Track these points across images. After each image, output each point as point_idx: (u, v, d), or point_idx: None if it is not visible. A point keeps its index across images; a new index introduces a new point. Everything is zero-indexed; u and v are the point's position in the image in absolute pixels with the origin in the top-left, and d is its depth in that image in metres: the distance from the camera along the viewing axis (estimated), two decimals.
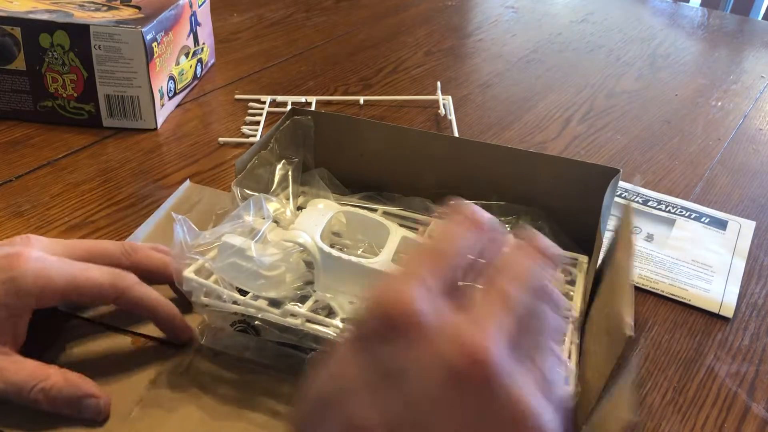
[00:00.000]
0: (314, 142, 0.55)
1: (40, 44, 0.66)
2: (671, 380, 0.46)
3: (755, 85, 0.93)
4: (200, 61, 0.82)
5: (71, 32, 0.66)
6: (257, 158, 0.50)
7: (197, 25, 0.80)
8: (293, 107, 0.56)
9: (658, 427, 0.42)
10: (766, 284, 0.55)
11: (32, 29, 0.66)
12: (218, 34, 0.91)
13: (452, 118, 0.76)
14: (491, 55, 0.98)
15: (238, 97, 0.79)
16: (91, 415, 0.39)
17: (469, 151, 0.52)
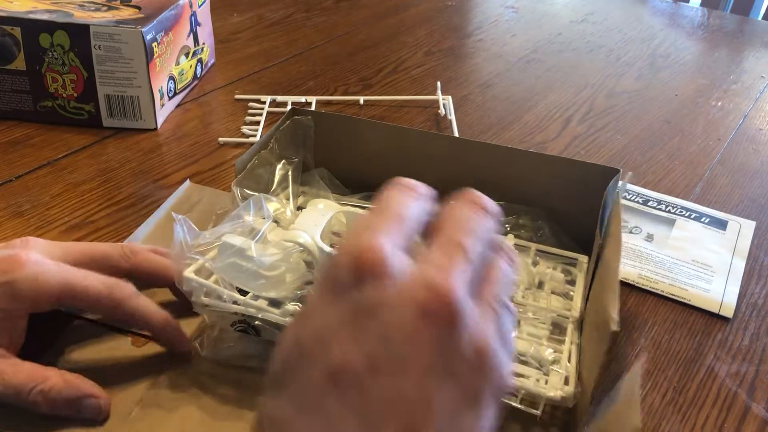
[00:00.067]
0: (314, 142, 0.55)
1: (40, 44, 0.66)
2: (671, 380, 0.46)
3: (755, 85, 0.93)
4: (200, 61, 0.82)
5: (71, 32, 0.66)
6: (257, 158, 0.50)
7: (197, 25, 0.80)
8: (293, 107, 0.56)
9: (658, 427, 0.42)
10: (766, 284, 0.55)
11: (32, 29, 0.66)
12: (218, 34, 0.91)
13: (452, 118, 0.76)
14: (491, 55, 0.98)
15: (238, 97, 0.79)
16: (91, 415, 0.39)
17: (469, 151, 0.52)
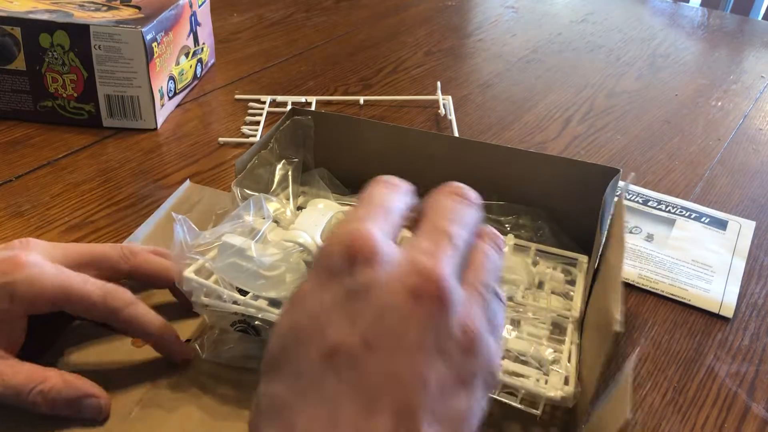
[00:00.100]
0: (314, 142, 0.55)
1: (40, 44, 0.66)
2: (671, 380, 0.46)
3: (755, 85, 0.93)
4: (200, 61, 0.82)
5: (71, 32, 0.66)
6: (257, 158, 0.50)
7: (197, 25, 0.80)
8: (293, 107, 0.56)
9: (658, 427, 0.42)
10: (766, 284, 0.55)
11: (32, 29, 0.66)
12: (218, 34, 0.91)
13: (452, 118, 0.76)
14: (491, 55, 0.98)
15: (238, 97, 0.79)
16: (91, 415, 0.39)
17: (469, 151, 0.52)
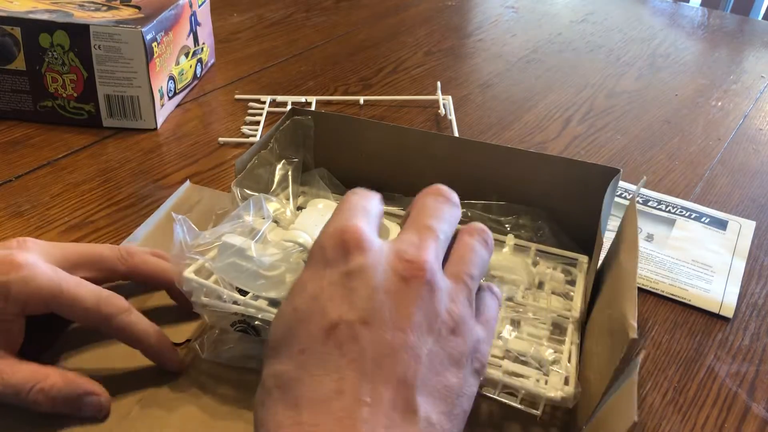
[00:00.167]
0: (314, 142, 0.55)
1: (40, 44, 0.66)
2: (671, 380, 0.46)
3: (755, 85, 0.93)
4: (200, 61, 0.82)
5: (71, 32, 0.66)
6: (257, 158, 0.50)
7: (197, 25, 0.80)
8: (293, 107, 0.56)
9: (658, 427, 0.42)
10: (766, 284, 0.55)
11: (32, 29, 0.66)
12: (218, 34, 0.91)
13: (452, 118, 0.76)
14: (491, 55, 0.98)
15: (238, 97, 0.79)
16: (92, 412, 0.39)
17: (469, 151, 0.52)
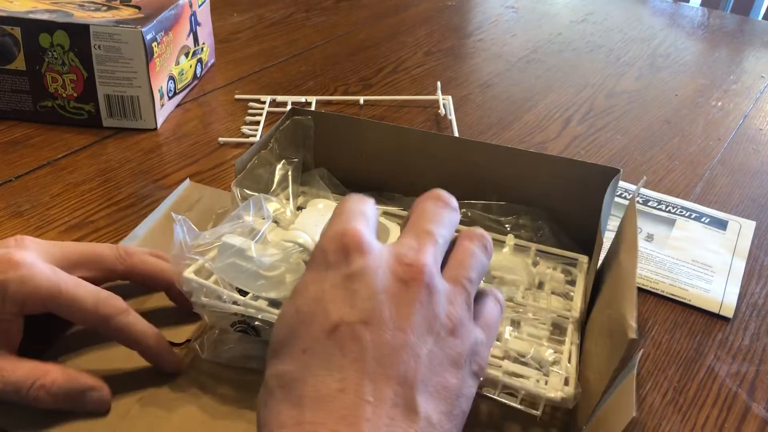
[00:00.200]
0: (314, 142, 0.55)
1: (40, 44, 0.66)
2: (671, 380, 0.46)
3: (755, 85, 0.93)
4: (200, 61, 0.82)
5: (71, 32, 0.66)
6: (257, 158, 0.50)
7: (197, 24, 0.80)
8: (293, 107, 0.56)
9: (658, 427, 0.42)
10: (766, 284, 0.55)
11: (32, 29, 0.66)
12: (218, 34, 0.91)
13: (452, 118, 0.76)
14: (491, 55, 0.98)
15: (238, 97, 0.79)
16: (94, 407, 0.39)
17: (469, 151, 0.52)
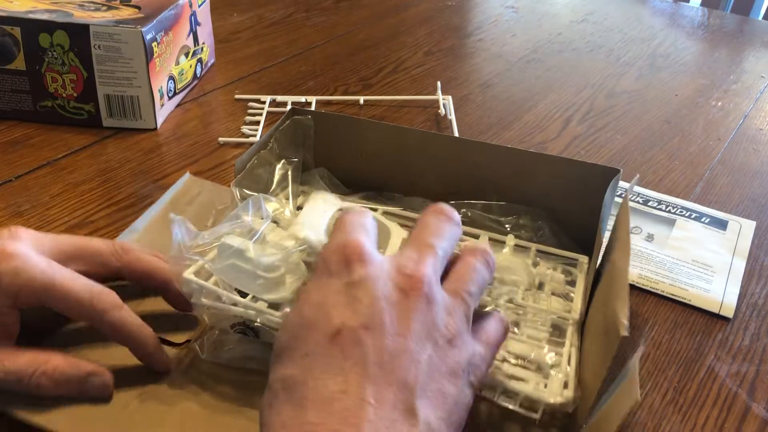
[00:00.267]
0: (314, 142, 0.55)
1: (39, 44, 0.66)
2: (671, 380, 0.46)
3: (755, 85, 0.93)
4: (200, 60, 0.82)
5: (71, 32, 0.66)
6: (256, 158, 0.50)
7: (197, 24, 0.80)
8: (293, 107, 0.56)
9: (658, 427, 0.42)
10: (766, 284, 0.55)
11: (32, 29, 0.66)
12: (218, 34, 0.91)
13: (452, 118, 0.76)
14: (491, 55, 0.97)
15: (238, 97, 0.79)
16: (97, 392, 0.38)
17: (469, 151, 0.52)
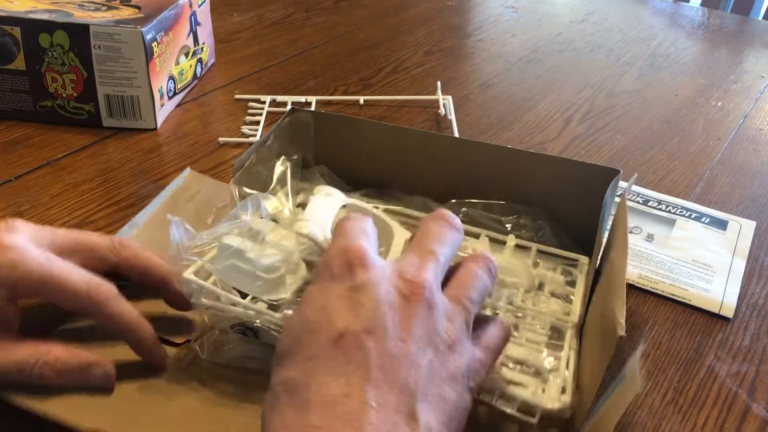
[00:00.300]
0: (314, 142, 0.55)
1: (39, 44, 0.66)
2: (671, 380, 0.46)
3: (755, 85, 0.93)
4: (200, 60, 0.82)
5: (71, 32, 0.66)
6: (255, 155, 0.50)
7: (197, 24, 0.80)
8: (293, 107, 0.56)
9: (658, 427, 0.42)
10: (766, 284, 0.55)
11: (32, 29, 0.66)
12: (218, 33, 0.91)
13: (452, 118, 0.76)
14: (491, 55, 0.97)
15: (238, 97, 0.79)
16: (99, 382, 0.38)
17: (469, 151, 0.52)
